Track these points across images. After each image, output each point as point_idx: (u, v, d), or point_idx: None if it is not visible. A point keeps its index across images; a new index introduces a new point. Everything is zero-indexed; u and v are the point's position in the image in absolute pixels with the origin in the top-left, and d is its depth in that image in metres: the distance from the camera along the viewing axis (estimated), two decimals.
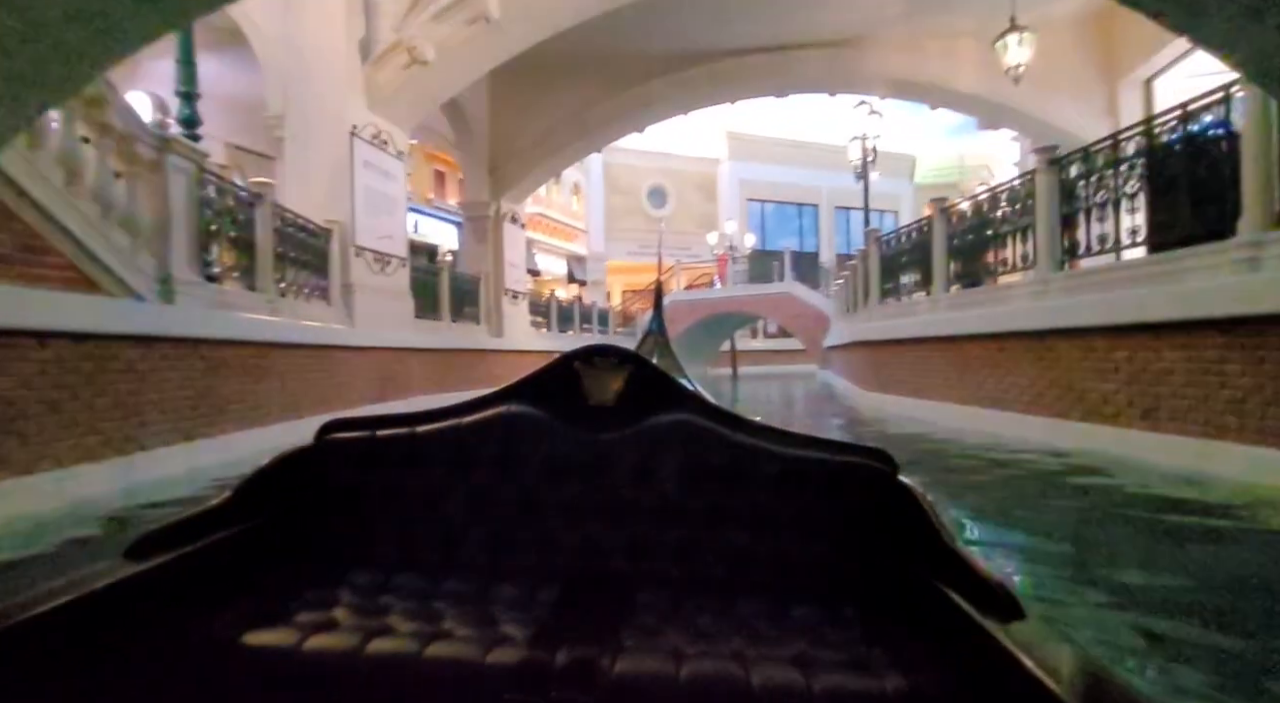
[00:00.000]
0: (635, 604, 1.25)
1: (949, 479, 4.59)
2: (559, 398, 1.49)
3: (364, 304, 8.60)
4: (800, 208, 35.23)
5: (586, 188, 31.24)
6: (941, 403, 7.35)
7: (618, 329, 22.43)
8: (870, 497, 1.34)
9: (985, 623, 0.93)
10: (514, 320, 14.14)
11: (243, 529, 1.31)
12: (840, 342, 14.14)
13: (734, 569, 1.35)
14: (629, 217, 32.57)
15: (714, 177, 34.31)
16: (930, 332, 7.64)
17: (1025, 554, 3.09)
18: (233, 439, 5.55)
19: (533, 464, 1.45)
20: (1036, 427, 5.56)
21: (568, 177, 29.72)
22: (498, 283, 13.55)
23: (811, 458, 1.39)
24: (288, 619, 1.15)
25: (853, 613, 1.23)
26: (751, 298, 21.59)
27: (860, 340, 10.48)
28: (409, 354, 9.80)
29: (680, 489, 1.41)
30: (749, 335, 28.29)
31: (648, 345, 3.72)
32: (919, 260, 8.40)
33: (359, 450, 1.49)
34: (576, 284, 29.96)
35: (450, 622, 1.17)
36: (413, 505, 1.46)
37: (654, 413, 1.46)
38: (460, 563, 1.40)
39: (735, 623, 1.19)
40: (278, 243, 6.82)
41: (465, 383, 11.79)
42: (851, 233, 35.87)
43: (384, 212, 9.20)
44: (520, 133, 13.34)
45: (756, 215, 34.14)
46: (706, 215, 33.14)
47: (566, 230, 29.07)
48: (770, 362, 26.65)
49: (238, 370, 5.69)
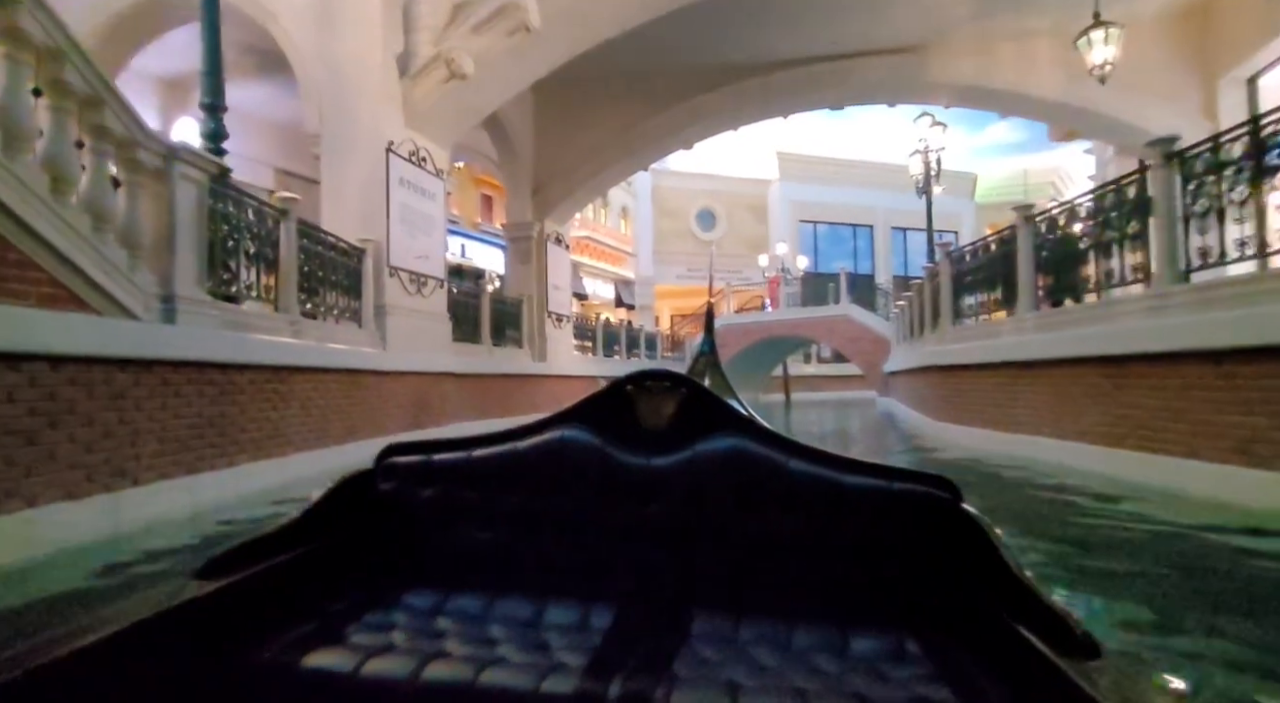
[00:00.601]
0: (689, 633, 1.24)
1: (1089, 564, 3.25)
2: (613, 422, 1.49)
3: (398, 327, 8.21)
4: (854, 229, 34.23)
5: (635, 211, 30.99)
6: (1030, 437, 6.44)
7: (665, 353, 21.79)
8: (932, 525, 1.28)
9: (1060, 662, 0.87)
10: (558, 344, 13.67)
11: (306, 551, 1.32)
12: (904, 367, 13.18)
13: (790, 597, 1.33)
14: (678, 240, 32.17)
15: (764, 198, 33.69)
16: (1016, 355, 6.76)
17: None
18: (245, 471, 5.11)
19: (586, 487, 1.45)
20: (1169, 470, 4.64)
21: (616, 199, 29.57)
22: (541, 306, 13.13)
23: (869, 485, 1.34)
24: (346, 642, 1.17)
25: (916, 648, 1.18)
26: (806, 321, 20.69)
27: (929, 365, 9.58)
28: (446, 379, 9.38)
29: (733, 514, 1.39)
30: (802, 360, 27.30)
31: (699, 368, 3.57)
32: (999, 276, 7.54)
33: (417, 474, 1.52)
34: (624, 309, 29.58)
35: (505, 647, 1.18)
36: (469, 528, 1.48)
37: (707, 437, 1.44)
38: (514, 585, 1.41)
39: (793, 657, 1.16)
40: (304, 261, 6.47)
41: (506, 410, 11.32)
42: (909, 254, 34.64)
43: (421, 231, 8.86)
44: (564, 151, 13.00)
45: (809, 237, 33.33)
46: (757, 238, 32.49)
47: (614, 254, 28.78)
48: (825, 387, 25.56)
49: (253, 396, 5.28)
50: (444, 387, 9.35)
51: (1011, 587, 1.06)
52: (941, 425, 8.77)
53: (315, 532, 1.36)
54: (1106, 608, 2.65)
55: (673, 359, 21.80)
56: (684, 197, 32.64)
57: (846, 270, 21.33)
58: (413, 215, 8.67)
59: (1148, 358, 4.84)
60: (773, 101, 12.61)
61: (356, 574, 1.42)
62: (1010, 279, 7.17)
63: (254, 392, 5.27)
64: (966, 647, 1.14)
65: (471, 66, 8.32)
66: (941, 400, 8.81)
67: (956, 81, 11.87)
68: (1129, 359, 5.03)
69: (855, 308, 19.83)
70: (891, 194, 34.13)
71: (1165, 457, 4.69)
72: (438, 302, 9.25)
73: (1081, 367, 5.65)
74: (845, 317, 19.71)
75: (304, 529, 1.33)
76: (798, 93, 12.46)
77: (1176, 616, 2.58)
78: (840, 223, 34.02)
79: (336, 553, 1.41)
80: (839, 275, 20.83)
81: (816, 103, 12.94)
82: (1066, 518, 4.26)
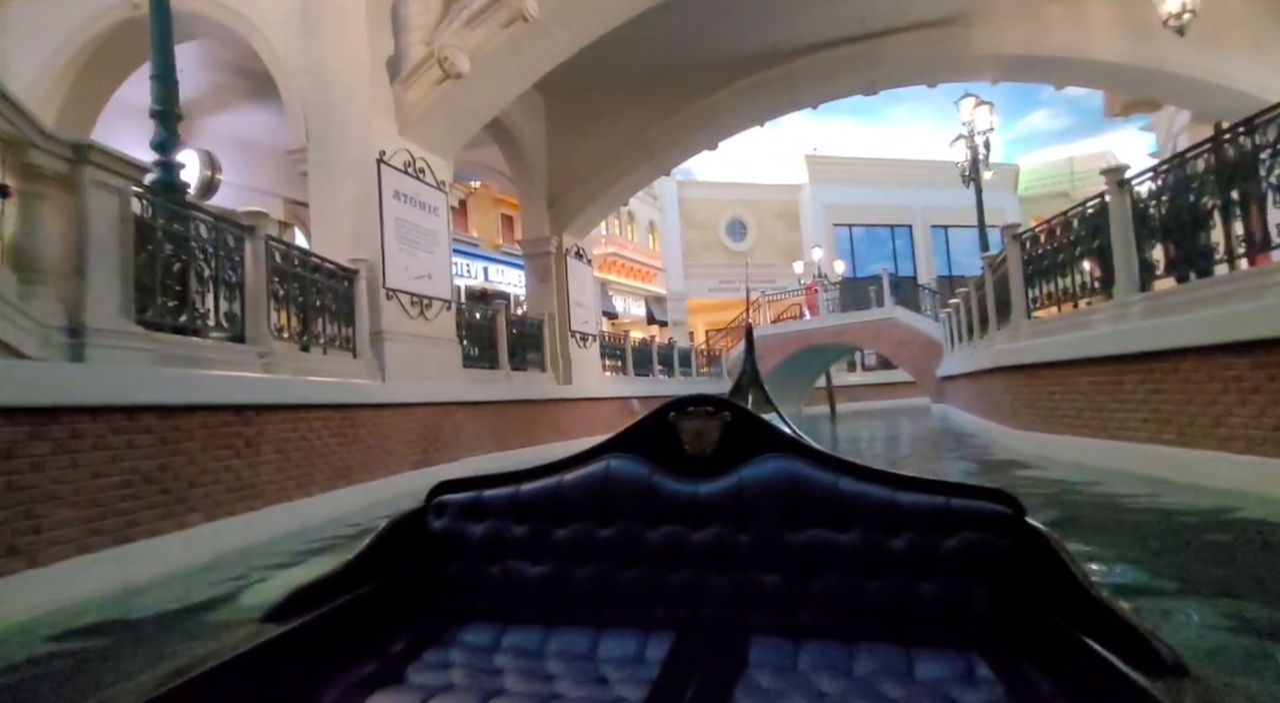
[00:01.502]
0: (747, 660, 1.23)
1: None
2: (658, 450, 1.48)
3: (398, 354, 7.41)
4: (892, 229, 32.86)
5: (662, 224, 30.19)
6: (1146, 446, 5.26)
7: (702, 370, 20.74)
8: (995, 542, 1.23)
9: (1143, 681, 0.82)
10: (584, 366, 12.78)
11: (363, 593, 1.33)
12: (964, 370, 11.93)
13: (850, 620, 1.29)
14: (708, 252, 31.25)
15: (795, 204, 32.64)
16: (1118, 348, 5.60)
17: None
18: (198, 534, 4.28)
19: (635, 517, 1.44)
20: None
21: (642, 214, 28.83)
22: (563, 325, 12.27)
23: (925, 502, 1.29)
24: (407, 682, 1.17)
25: (986, 670, 1.13)
26: (848, 326, 19.44)
27: (1000, 366, 8.39)
28: (458, 409, 8.54)
29: (785, 536, 1.36)
30: (845, 369, 25.95)
31: (742, 386, 3.44)
32: (1087, 256, 6.39)
33: (467, 510, 1.52)
34: (657, 326, 28.67)
35: (563, 682, 1.17)
36: (520, 561, 1.48)
37: (753, 459, 1.43)
38: (569, 617, 1.42)
39: (857, 682, 1.13)
40: (280, 284, 5.71)
41: (529, 438, 10.45)
42: (952, 252, 33.07)
43: (422, 249, 8.09)
44: (579, 160, 12.22)
45: (844, 241, 32.08)
46: (790, 245, 31.40)
47: (643, 271, 27.94)
48: (872, 397, 24.18)
49: (207, 443, 4.47)
50: (456, 418, 8.52)
51: (1086, 603, 1.02)
52: (1023, 435, 7.55)
53: (371, 573, 1.37)
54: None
55: (709, 375, 20.74)
56: (712, 207, 31.76)
57: (888, 271, 20.02)
58: (412, 232, 7.91)
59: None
60: (799, 91, 11.64)
61: (413, 613, 1.44)
62: (1103, 258, 6.02)
63: (207, 438, 4.46)
64: (1040, 668, 1.10)
65: (467, 64, 7.57)
66: (1022, 406, 7.61)
67: (1003, 52, 10.75)
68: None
69: (901, 310, 18.55)
70: (929, 191, 32.82)
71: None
72: (444, 325, 8.44)
73: (1220, 356, 4.49)
74: (891, 320, 18.42)
75: (360, 570, 1.34)
76: (826, 79, 11.47)
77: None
78: (877, 224, 32.69)
79: (393, 593, 1.41)
80: (880, 277, 19.56)
81: (847, 88, 11.92)
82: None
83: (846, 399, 24.19)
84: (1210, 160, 4.76)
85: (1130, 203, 5.59)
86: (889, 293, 18.81)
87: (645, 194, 29.29)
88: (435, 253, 8.35)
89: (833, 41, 10.99)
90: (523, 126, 11.60)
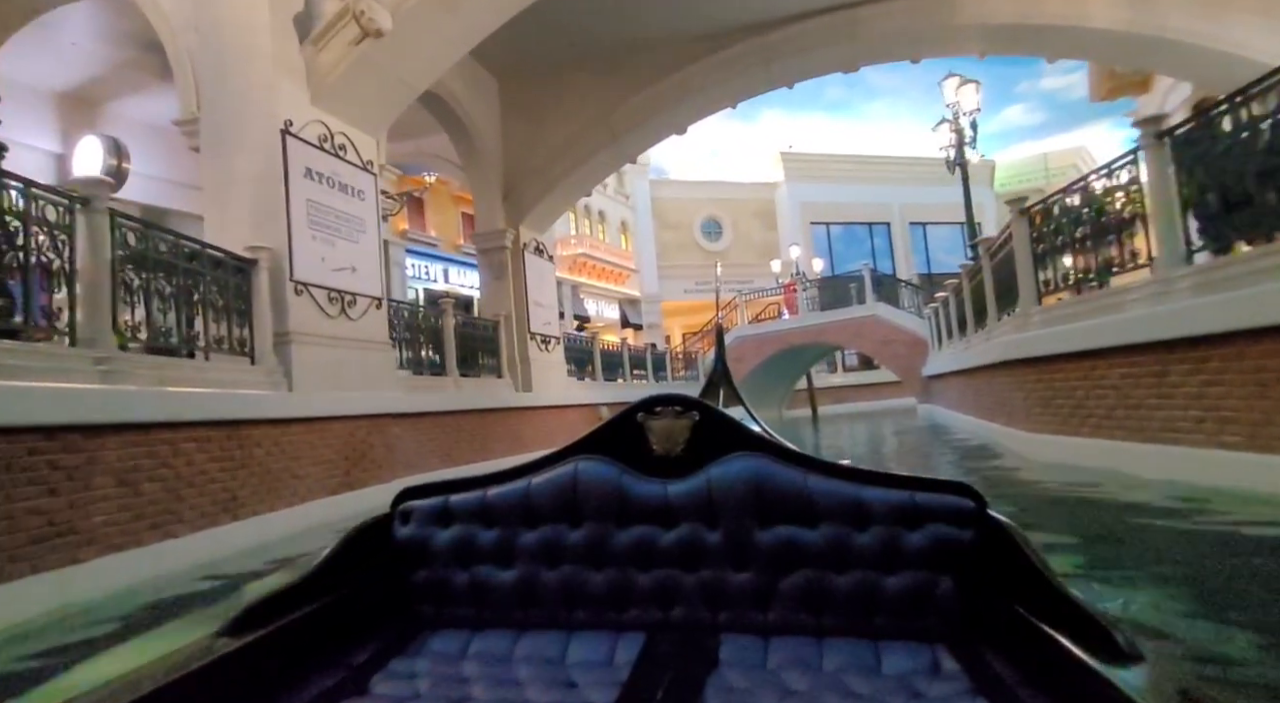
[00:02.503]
0: (717, 659, 1.22)
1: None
2: (627, 450, 1.47)
3: (311, 359, 6.28)
4: (870, 227, 32.28)
5: (634, 225, 29.22)
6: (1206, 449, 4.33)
7: (679, 373, 19.72)
8: (960, 535, 1.25)
9: (1100, 667, 0.85)
10: (546, 371, 11.68)
11: (327, 602, 1.31)
12: (956, 367, 11.05)
13: (818, 614, 1.31)
14: (682, 252, 30.35)
15: (771, 202, 31.89)
16: (1163, 331, 4.67)
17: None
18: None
19: (605, 518, 1.43)
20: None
21: (614, 214, 27.83)
22: (522, 327, 11.18)
23: (891, 497, 1.31)
24: (371, 692, 1.14)
25: (951, 661, 1.15)
26: (829, 325, 18.54)
27: (1004, 360, 7.46)
28: (393, 422, 7.42)
29: (754, 534, 1.36)
30: (826, 370, 25.11)
31: (714, 383, 3.24)
32: (1114, 226, 5.46)
33: (434, 516, 1.50)
34: (632, 329, 27.63)
35: (531, 687, 1.15)
36: (489, 566, 1.46)
37: (722, 458, 1.43)
38: (539, 621, 1.41)
39: (825, 678, 1.14)
40: (135, 274, 4.58)
41: (482, 452, 9.32)
42: (931, 249, 32.55)
43: (343, 237, 6.97)
44: (537, 145, 11.16)
45: (822, 240, 31.44)
46: (767, 244, 30.62)
47: (616, 272, 26.91)
48: (855, 398, 23.37)
49: (8, 480, 3.33)
50: (391, 431, 7.39)
51: (1047, 594, 1.05)
52: (1037, 439, 6.59)
53: (335, 582, 1.34)
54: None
55: (685, 379, 19.74)
56: (686, 207, 30.88)
57: (869, 267, 19.19)
58: (329, 217, 6.79)
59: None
60: (775, 66, 10.70)
61: (379, 622, 1.41)
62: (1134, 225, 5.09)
63: (10, 471, 3.32)
64: (1004, 658, 1.12)
65: (388, 20, 6.49)
66: (1035, 405, 6.66)
67: (991, 21, 9.90)
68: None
69: (883, 306, 17.70)
70: (907, 187, 32.31)
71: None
72: (373, 326, 7.31)
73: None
74: (873, 317, 17.56)
75: (323, 580, 1.31)
76: (802, 54, 10.54)
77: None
78: (855, 222, 32.11)
79: (358, 602, 1.39)
80: (861, 272, 18.71)
81: (827, 64, 11.00)
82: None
83: (829, 401, 23.33)
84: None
85: (1173, 157, 4.66)
86: (870, 289, 17.96)
87: (616, 193, 28.31)
88: (361, 242, 7.23)
89: (810, 12, 10.07)
90: (473, 110, 10.52)
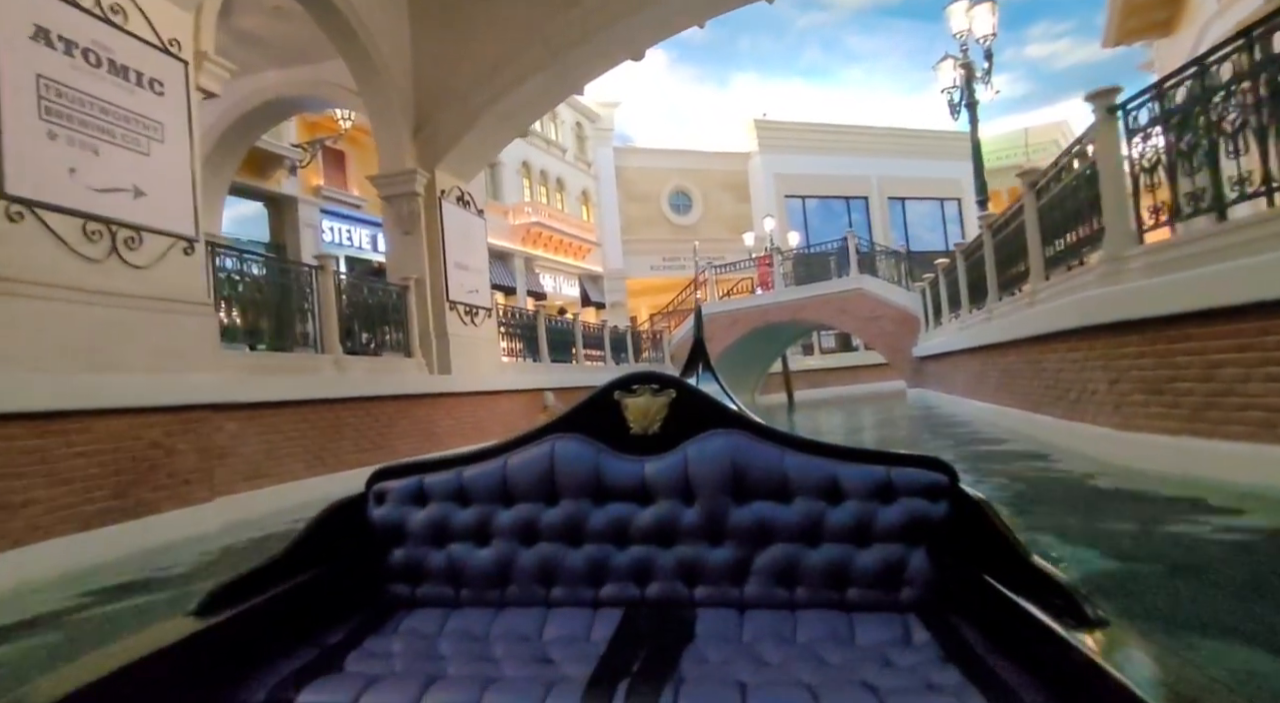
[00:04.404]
0: (694, 633, 1.24)
1: None
2: (603, 429, 1.47)
3: (37, 321, 4.04)
4: (848, 201, 30.40)
5: (597, 195, 26.94)
6: None
7: (642, 355, 17.64)
8: (933, 508, 1.29)
9: (1065, 633, 0.88)
10: (472, 349, 9.49)
11: (301, 581, 1.30)
12: (968, 344, 9.15)
13: (792, 589, 1.33)
14: (649, 226, 28.20)
15: (744, 174, 29.85)
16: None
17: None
18: None
19: (581, 495, 1.44)
20: None
21: (574, 182, 25.49)
22: (438, 294, 8.96)
23: (866, 473, 1.35)
24: (345, 671, 1.14)
25: (922, 631, 1.18)
26: (809, 300, 16.58)
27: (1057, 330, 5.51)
28: (220, 416, 5.22)
29: (729, 510, 1.38)
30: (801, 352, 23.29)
31: (693, 359, 3.18)
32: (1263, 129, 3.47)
33: (408, 496, 1.50)
34: (594, 308, 25.44)
35: (508, 664, 1.16)
36: (465, 545, 1.47)
37: (698, 435, 1.44)
38: (515, 599, 1.42)
39: (799, 650, 1.16)
40: None
41: (376, 452, 7.14)
42: (910, 225, 30.84)
43: (118, 142, 4.68)
44: (458, 64, 8.88)
45: (797, 214, 29.54)
46: (739, 218, 28.60)
47: (576, 245, 24.63)
48: (835, 382, 21.59)
49: None
50: (224, 429, 5.20)
51: (1015, 564, 1.07)
52: (1146, 443, 4.58)
53: (309, 561, 1.33)
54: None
55: (650, 360, 17.67)
56: (653, 177, 28.68)
57: (854, 234, 17.25)
58: (88, 110, 4.50)
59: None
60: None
61: (354, 602, 1.41)
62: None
63: None
64: (973, 627, 1.15)
65: None
66: (1136, 390, 4.62)
67: None
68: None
69: (870, 279, 15.79)
70: (886, 160, 30.55)
71: None
72: (176, 277, 5.04)
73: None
74: (859, 291, 15.64)
75: (296, 560, 1.31)
76: None
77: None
78: (832, 196, 30.21)
79: (332, 581, 1.38)
80: (845, 242, 16.75)
81: None
82: None
83: (805, 386, 21.52)
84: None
85: None
86: (854, 260, 16.01)
87: (577, 159, 25.97)
88: (156, 155, 4.94)
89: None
90: (369, 17, 8.19)
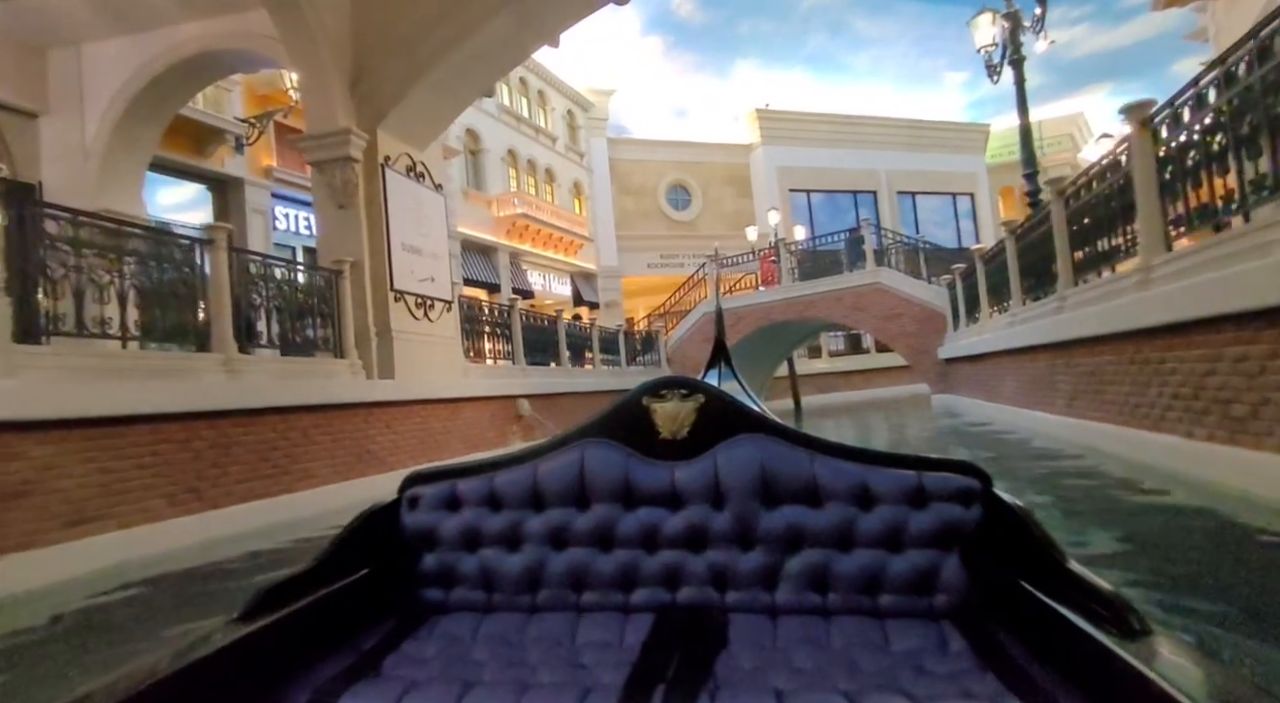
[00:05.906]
0: (727, 638, 1.24)
1: None
2: (632, 434, 1.49)
3: None
4: (855, 196, 28.84)
5: (590, 188, 25.39)
6: None
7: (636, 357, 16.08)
8: (966, 513, 1.28)
9: (1108, 642, 0.87)
10: (424, 350, 7.92)
11: (338, 587, 1.33)
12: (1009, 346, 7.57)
13: (824, 595, 1.33)
14: (646, 221, 26.67)
15: (745, 167, 28.34)
16: None
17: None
18: None
19: (612, 501, 1.45)
20: None
21: (565, 173, 23.94)
22: (378, 282, 7.40)
23: (897, 478, 1.34)
24: (384, 674, 1.16)
25: (958, 638, 1.18)
26: (819, 296, 14.98)
27: (1142, 327, 3.93)
28: (30, 442, 3.65)
29: (760, 515, 1.38)
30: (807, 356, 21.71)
31: (713, 365, 3.38)
32: None
33: (441, 501, 1.53)
34: (587, 307, 23.87)
35: (542, 669, 1.16)
36: (497, 551, 1.48)
37: (727, 440, 1.44)
38: (548, 604, 1.42)
39: (834, 656, 1.16)
40: None
41: (277, 476, 5.55)
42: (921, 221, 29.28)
43: None
44: (401, 7, 7.35)
45: (802, 209, 28.03)
46: (740, 214, 27.09)
47: (567, 241, 23.06)
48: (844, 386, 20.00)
49: None
50: (27, 457, 3.64)
51: (1053, 570, 1.07)
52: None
53: (345, 567, 1.36)
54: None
55: (644, 364, 16.11)
56: (649, 170, 27.15)
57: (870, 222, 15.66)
58: None
59: None
60: None
61: (389, 607, 1.43)
62: None
63: None
64: (1011, 633, 1.13)
65: None
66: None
67: None
68: None
69: (889, 272, 14.20)
70: (894, 153, 29.05)
71: None
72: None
73: None
74: (876, 285, 14.04)
75: (333, 565, 1.33)
76: None
77: None
78: (838, 190, 28.68)
79: (367, 587, 1.40)
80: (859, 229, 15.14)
81: None
82: None
83: (813, 390, 19.94)
84: None
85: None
86: (872, 251, 14.41)
87: (569, 149, 24.41)
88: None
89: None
90: None
